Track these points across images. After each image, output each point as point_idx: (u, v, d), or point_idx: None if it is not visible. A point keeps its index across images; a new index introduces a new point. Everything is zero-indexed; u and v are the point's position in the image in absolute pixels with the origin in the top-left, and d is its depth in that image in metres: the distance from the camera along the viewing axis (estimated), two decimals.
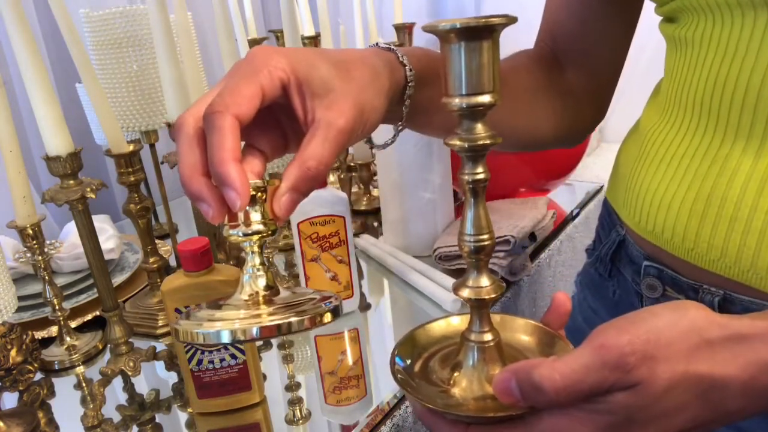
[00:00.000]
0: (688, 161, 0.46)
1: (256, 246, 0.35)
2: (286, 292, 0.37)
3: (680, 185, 0.46)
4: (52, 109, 0.58)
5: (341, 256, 0.75)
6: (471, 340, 0.38)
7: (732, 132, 0.42)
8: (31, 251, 0.68)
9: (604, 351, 0.30)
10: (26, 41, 0.55)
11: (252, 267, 0.36)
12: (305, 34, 1.05)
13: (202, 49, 1.09)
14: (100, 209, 0.96)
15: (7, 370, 0.60)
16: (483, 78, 0.33)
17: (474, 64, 0.33)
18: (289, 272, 0.86)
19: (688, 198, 0.45)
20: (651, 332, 0.30)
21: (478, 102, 0.33)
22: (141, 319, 0.78)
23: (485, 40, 0.33)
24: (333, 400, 0.64)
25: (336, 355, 0.72)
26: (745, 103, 0.41)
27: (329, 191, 0.73)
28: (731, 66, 0.41)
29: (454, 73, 0.33)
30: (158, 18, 0.61)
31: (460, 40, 0.33)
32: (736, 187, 0.42)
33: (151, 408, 0.65)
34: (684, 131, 0.47)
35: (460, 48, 0.33)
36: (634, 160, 0.52)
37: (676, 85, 0.48)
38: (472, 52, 0.32)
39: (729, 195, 0.42)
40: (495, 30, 0.33)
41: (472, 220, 0.37)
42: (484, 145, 0.35)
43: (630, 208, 0.52)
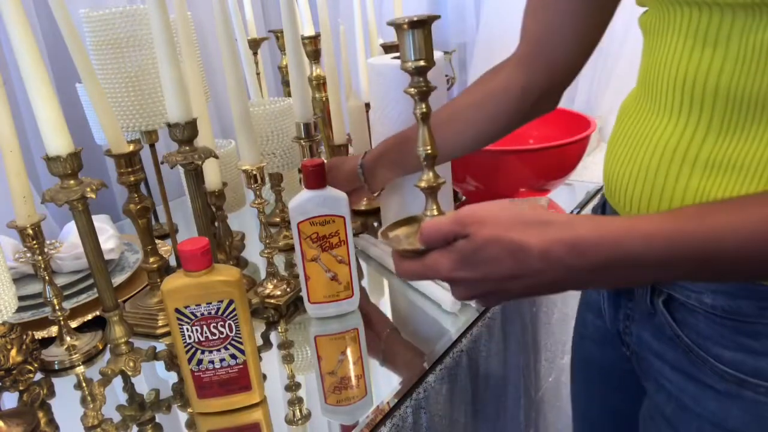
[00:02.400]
0: (637, 137, 0.52)
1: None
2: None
3: (629, 160, 0.52)
4: (52, 109, 0.58)
5: (341, 256, 0.75)
6: (422, 214, 0.56)
7: (668, 111, 0.49)
8: (31, 251, 0.68)
9: (456, 216, 0.46)
10: (26, 41, 0.55)
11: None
12: (305, 34, 1.05)
13: (202, 49, 1.09)
14: (100, 209, 0.96)
15: (7, 370, 0.60)
16: (422, 50, 0.52)
17: (416, 41, 0.52)
18: (289, 272, 0.86)
19: (633, 171, 0.52)
20: (487, 210, 0.46)
21: (420, 65, 0.52)
22: (141, 319, 0.78)
23: (423, 29, 0.51)
24: (333, 400, 0.64)
25: (336, 355, 0.72)
26: (677, 85, 0.47)
27: (329, 191, 0.73)
28: (669, 51, 0.48)
29: (407, 48, 0.52)
30: (158, 18, 0.61)
31: (410, 28, 0.51)
32: (657, 157, 0.49)
33: (151, 408, 0.65)
34: (642, 111, 0.52)
35: (410, 33, 0.51)
36: (610, 144, 0.58)
37: (641, 69, 0.54)
38: (416, 35, 0.51)
39: (651, 165, 0.50)
40: (426, 23, 0.51)
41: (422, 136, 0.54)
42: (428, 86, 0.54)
43: (607, 189, 0.58)
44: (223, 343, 0.60)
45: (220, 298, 0.58)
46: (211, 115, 0.85)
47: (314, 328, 0.77)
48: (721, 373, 0.48)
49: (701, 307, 0.49)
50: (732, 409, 0.48)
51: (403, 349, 0.74)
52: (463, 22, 1.67)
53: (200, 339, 0.59)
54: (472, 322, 0.75)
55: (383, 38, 1.19)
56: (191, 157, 0.67)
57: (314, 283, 0.76)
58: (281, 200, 0.96)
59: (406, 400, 0.64)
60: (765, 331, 0.46)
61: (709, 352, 0.49)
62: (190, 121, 0.66)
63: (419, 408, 0.66)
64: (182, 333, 0.59)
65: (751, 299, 0.45)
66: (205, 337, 0.59)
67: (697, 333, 0.50)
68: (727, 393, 0.48)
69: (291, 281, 0.81)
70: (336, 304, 0.77)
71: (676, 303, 0.51)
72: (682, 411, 0.53)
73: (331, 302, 0.77)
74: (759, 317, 0.45)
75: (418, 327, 0.77)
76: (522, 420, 0.91)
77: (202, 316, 0.58)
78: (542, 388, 0.99)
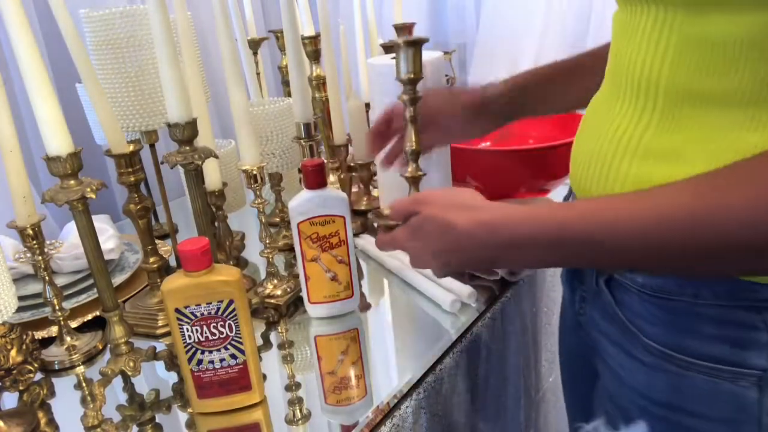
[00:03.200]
0: (596, 125, 0.55)
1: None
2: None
3: (586, 146, 0.55)
4: (52, 109, 0.58)
5: (341, 256, 0.75)
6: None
7: (620, 101, 0.51)
8: (31, 251, 0.68)
9: (414, 196, 0.58)
10: (26, 41, 0.55)
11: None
12: (305, 34, 1.05)
13: (202, 49, 1.09)
14: (100, 209, 0.96)
15: (7, 370, 0.60)
16: (414, 65, 0.63)
17: (409, 58, 0.63)
18: (289, 272, 0.86)
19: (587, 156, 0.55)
20: (437, 194, 0.56)
21: (411, 77, 0.64)
22: (141, 319, 0.78)
23: (415, 48, 0.63)
24: (333, 400, 0.64)
25: (336, 355, 0.72)
26: (627, 77, 0.50)
27: (329, 191, 0.73)
28: (625, 45, 0.51)
29: (401, 62, 0.64)
30: (158, 18, 0.61)
31: (405, 46, 0.62)
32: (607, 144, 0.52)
33: (151, 408, 0.65)
34: (603, 102, 0.55)
35: (405, 51, 0.63)
36: (577, 131, 0.61)
37: (608, 62, 0.56)
38: (409, 52, 0.63)
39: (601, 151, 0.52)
40: (418, 43, 0.63)
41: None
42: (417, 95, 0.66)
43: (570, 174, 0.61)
44: (223, 343, 0.60)
45: (220, 298, 0.58)
46: (211, 115, 0.85)
47: (314, 328, 0.77)
48: (648, 347, 0.52)
49: (634, 285, 0.53)
50: (657, 381, 0.52)
51: (403, 349, 0.74)
52: (463, 22, 1.67)
53: (200, 339, 0.59)
54: (472, 322, 0.75)
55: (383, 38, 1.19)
56: (191, 157, 0.67)
57: (314, 283, 0.76)
58: (281, 200, 0.96)
59: (406, 400, 0.65)
60: (685, 308, 0.49)
61: (639, 328, 0.53)
62: (190, 121, 0.66)
63: (419, 408, 0.66)
64: (182, 333, 0.59)
65: (673, 278, 0.49)
66: (205, 337, 0.59)
67: (631, 310, 0.54)
68: (654, 366, 0.52)
69: (291, 281, 0.81)
70: (336, 304, 0.77)
71: (615, 282, 0.55)
72: (620, 385, 0.57)
73: (331, 302, 0.77)
74: (680, 295, 0.49)
75: (418, 327, 0.77)
76: (522, 420, 0.91)
77: (202, 316, 0.58)
78: (542, 388, 0.99)
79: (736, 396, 0.48)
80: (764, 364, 0.46)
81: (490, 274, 0.80)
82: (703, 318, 0.48)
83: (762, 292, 0.45)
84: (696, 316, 0.49)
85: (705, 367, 0.49)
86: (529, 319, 0.90)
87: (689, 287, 0.48)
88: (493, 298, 0.80)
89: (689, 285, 0.48)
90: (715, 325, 0.48)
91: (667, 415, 0.52)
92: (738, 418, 0.48)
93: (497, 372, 0.82)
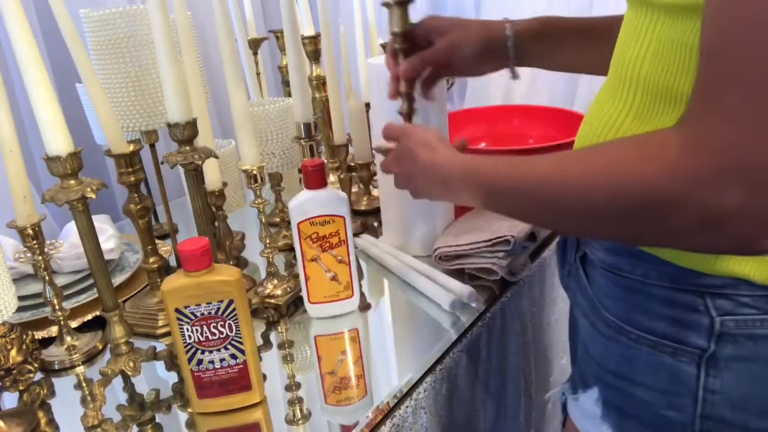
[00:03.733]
0: (592, 115, 0.56)
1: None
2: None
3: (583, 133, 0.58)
4: (52, 109, 0.58)
5: (341, 256, 0.75)
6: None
7: (611, 93, 0.53)
8: (31, 251, 0.68)
9: (402, 127, 0.68)
10: (26, 41, 0.55)
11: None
12: (305, 34, 1.05)
13: (202, 49, 1.09)
14: (100, 209, 0.96)
15: (7, 370, 0.60)
16: (404, 20, 0.71)
17: (398, 15, 0.71)
18: (289, 272, 0.86)
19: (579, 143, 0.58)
20: (415, 131, 0.65)
21: (401, 30, 0.72)
22: (141, 319, 0.78)
23: (403, 7, 0.71)
24: (333, 400, 0.64)
25: (336, 355, 0.72)
26: (617, 71, 0.52)
27: (329, 191, 0.73)
28: (621, 39, 0.53)
29: (394, 18, 0.71)
30: (158, 18, 0.61)
31: (397, 6, 0.71)
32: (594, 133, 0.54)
33: (151, 408, 0.65)
34: (603, 93, 0.57)
35: (395, 9, 0.71)
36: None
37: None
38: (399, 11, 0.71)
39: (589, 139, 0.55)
40: (406, 3, 0.71)
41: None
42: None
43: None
44: (223, 343, 0.60)
45: (220, 298, 0.58)
46: (211, 115, 0.85)
47: (314, 328, 0.77)
48: (607, 320, 0.56)
49: (599, 262, 0.57)
50: (611, 351, 0.56)
51: (403, 349, 0.74)
52: None
53: (200, 339, 0.59)
54: (472, 322, 0.75)
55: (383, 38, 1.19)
56: (191, 157, 0.67)
57: (314, 283, 0.76)
58: (281, 200, 0.96)
59: (406, 400, 0.65)
60: (637, 286, 0.53)
61: (600, 302, 0.57)
62: (190, 121, 0.66)
63: (419, 408, 0.66)
64: (182, 333, 0.59)
65: (628, 257, 0.53)
66: (205, 337, 0.59)
67: (596, 285, 0.58)
68: (609, 337, 0.56)
69: (291, 281, 0.81)
70: (336, 304, 0.77)
71: (587, 259, 0.60)
72: (586, 354, 0.61)
73: (331, 302, 0.77)
74: (632, 273, 0.53)
75: (418, 327, 0.77)
76: (522, 420, 0.91)
77: (202, 316, 0.58)
78: (542, 388, 0.99)
79: (676, 370, 0.51)
80: (704, 345, 0.49)
81: (488, 273, 0.80)
82: (652, 297, 0.52)
83: (704, 278, 0.48)
84: (646, 294, 0.52)
85: (651, 341, 0.52)
86: (529, 319, 0.90)
87: (639, 268, 0.52)
88: (493, 298, 0.80)
89: (639, 266, 0.52)
90: (662, 304, 0.51)
91: (616, 383, 0.57)
92: (676, 390, 0.52)
93: (497, 372, 0.82)
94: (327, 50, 0.95)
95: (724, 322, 0.48)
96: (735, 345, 0.48)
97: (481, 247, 0.80)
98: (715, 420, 0.50)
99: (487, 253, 0.81)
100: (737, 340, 0.48)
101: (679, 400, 0.51)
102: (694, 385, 0.50)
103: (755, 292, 0.47)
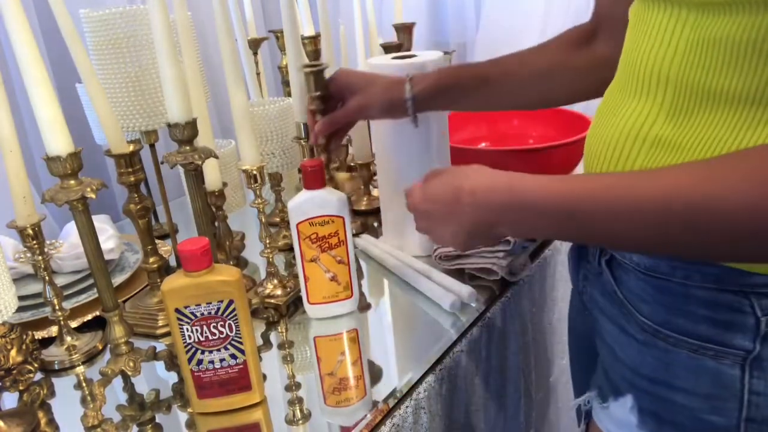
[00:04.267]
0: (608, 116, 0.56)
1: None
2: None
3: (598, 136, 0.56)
4: (52, 109, 0.58)
5: (340, 257, 0.74)
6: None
7: (631, 93, 0.53)
8: (31, 251, 0.68)
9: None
10: (26, 41, 0.55)
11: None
12: (305, 34, 1.05)
13: (202, 49, 1.09)
14: (100, 209, 0.96)
15: (7, 370, 0.60)
16: (318, 85, 0.76)
17: (313, 81, 0.76)
18: (289, 272, 0.86)
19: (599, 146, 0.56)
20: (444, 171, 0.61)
21: (316, 95, 0.76)
22: (141, 319, 0.78)
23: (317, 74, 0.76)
24: (333, 401, 0.64)
25: (336, 356, 0.72)
26: (639, 70, 0.52)
27: (329, 191, 0.73)
28: (639, 38, 0.52)
29: (308, 84, 0.76)
30: (158, 18, 0.61)
31: (311, 74, 0.75)
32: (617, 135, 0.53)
33: (151, 408, 0.65)
34: (615, 93, 0.56)
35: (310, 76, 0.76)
36: (591, 123, 0.61)
37: (621, 55, 0.57)
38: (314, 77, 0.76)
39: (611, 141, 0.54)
40: (320, 71, 0.75)
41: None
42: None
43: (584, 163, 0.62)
44: (223, 343, 0.60)
45: (220, 298, 0.58)
46: (211, 115, 0.85)
47: (314, 328, 0.77)
48: (642, 324, 0.54)
49: (631, 265, 0.55)
50: (647, 356, 0.54)
51: (403, 349, 0.74)
52: (463, 22, 1.67)
53: (200, 339, 0.59)
54: (472, 322, 0.75)
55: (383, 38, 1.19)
56: (191, 157, 0.67)
57: (314, 283, 0.76)
58: (281, 200, 0.96)
59: (406, 400, 0.65)
60: (677, 289, 0.51)
61: (634, 305, 0.55)
62: (190, 121, 0.66)
63: (419, 408, 0.66)
64: (182, 333, 0.59)
65: (667, 259, 0.51)
66: (205, 337, 0.59)
67: (628, 289, 0.56)
68: (645, 342, 0.54)
69: (291, 281, 0.81)
70: (335, 305, 0.77)
71: (615, 262, 0.57)
72: (614, 360, 0.59)
73: (330, 303, 0.77)
74: (671, 275, 0.51)
75: (418, 327, 0.77)
76: (522, 420, 0.91)
77: (202, 316, 0.58)
78: (542, 388, 0.99)
79: (719, 373, 0.50)
80: (749, 346, 0.48)
81: (488, 273, 0.80)
82: (693, 299, 0.50)
83: (750, 277, 0.47)
84: (686, 296, 0.50)
85: (691, 344, 0.50)
86: (529, 319, 0.90)
87: (680, 270, 0.50)
88: (493, 298, 0.80)
89: (680, 267, 0.50)
90: (704, 306, 0.50)
91: (653, 389, 0.54)
92: (720, 394, 0.50)
93: (497, 372, 0.82)
94: (327, 50, 0.95)
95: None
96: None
97: (481, 247, 0.80)
98: (760, 422, 0.49)
99: (487, 253, 0.81)
100: None
101: (723, 404, 0.50)
102: (738, 388, 0.49)
103: None
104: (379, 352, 0.73)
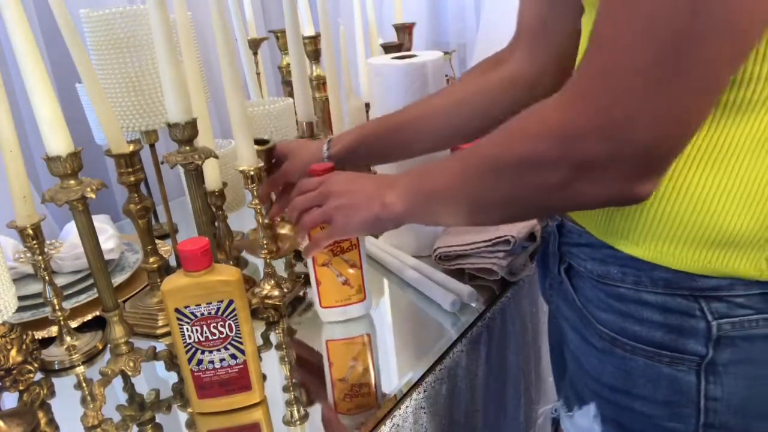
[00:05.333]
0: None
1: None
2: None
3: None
4: (52, 109, 0.58)
5: (353, 260, 0.74)
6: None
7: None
8: (31, 251, 0.68)
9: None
10: (26, 41, 0.55)
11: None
12: (305, 34, 1.05)
13: (202, 49, 1.09)
14: (100, 209, 0.96)
15: (7, 370, 0.60)
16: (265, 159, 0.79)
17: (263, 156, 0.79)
18: (289, 272, 0.86)
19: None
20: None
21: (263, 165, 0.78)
22: (141, 319, 0.78)
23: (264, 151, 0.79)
24: (335, 402, 0.64)
25: (337, 356, 0.72)
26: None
27: None
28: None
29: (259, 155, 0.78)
30: (158, 18, 0.61)
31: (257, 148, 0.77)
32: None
33: (151, 408, 0.65)
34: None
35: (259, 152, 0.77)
36: None
37: None
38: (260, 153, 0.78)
39: None
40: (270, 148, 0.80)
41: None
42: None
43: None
44: (223, 343, 0.60)
45: (220, 298, 0.58)
46: (211, 115, 0.85)
47: (315, 328, 0.77)
48: (600, 332, 0.54)
49: (586, 273, 0.56)
50: (607, 365, 0.55)
51: (403, 349, 0.74)
52: (463, 22, 1.67)
53: (200, 339, 0.59)
54: (472, 322, 0.75)
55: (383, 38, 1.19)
56: (191, 157, 0.67)
57: (325, 287, 0.75)
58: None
59: (406, 400, 0.65)
60: (627, 294, 0.52)
61: (591, 314, 0.55)
62: (190, 121, 0.66)
63: (419, 408, 0.66)
64: (182, 333, 0.59)
65: (616, 265, 0.52)
66: (205, 337, 0.59)
67: (585, 297, 0.56)
68: (603, 350, 0.54)
69: (288, 282, 0.81)
70: (348, 308, 0.76)
71: (573, 271, 0.58)
72: (578, 368, 0.60)
73: (342, 306, 0.76)
74: (621, 281, 0.52)
75: (418, 327, 0.77)
76: (522, 420, 0.91)
77: (202, 316, 0.58)
78: (542, 388, 0.99)
79: (676, 380, 0.50)
80: (702, 351, 0.48)
81: (488, 273, 0.80)
82: (646, 304, 0.51)
83: (699, 281, 0.48)
84: (639, 302, 0.51)
85: (647, 351, 0.51)
86: (529, 319, 0.90)
87: (630, 275, 0.51)
88: (493, 298, 0.80)
89: (630, 273, 0.51)
90: (656, 312, 0.50)
91: (613, 398, 0.55)
92: (678, 401, 0.50)
93: (497, 372, 0.82)
94: (327, 50, 0.95)
95: (721, 326, 0.47)
96: (732, 348, 0.48)
97: (481, 247, 0.80)
98: (718, 428, 0.49)
99: (487, 253, 0.81)
100: (734, 343, 0.47)
101: (681, 411, 0.50)
102: (695, 394, 0.49)
103: (749, 291, 0.47)
104: (379, 352, 0.73)
